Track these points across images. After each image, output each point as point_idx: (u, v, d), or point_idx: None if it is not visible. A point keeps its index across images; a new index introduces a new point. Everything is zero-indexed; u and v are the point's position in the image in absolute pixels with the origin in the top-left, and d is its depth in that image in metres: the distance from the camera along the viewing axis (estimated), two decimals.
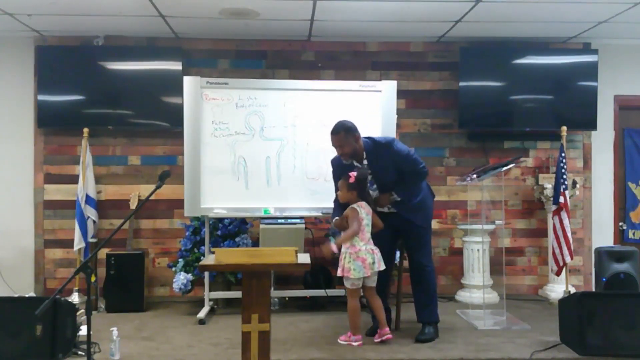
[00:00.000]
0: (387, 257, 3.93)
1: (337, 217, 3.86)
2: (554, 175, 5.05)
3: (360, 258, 3.71)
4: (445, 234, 5.53)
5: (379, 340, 3.80)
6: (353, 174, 3.75)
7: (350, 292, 3.82)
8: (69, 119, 5.23)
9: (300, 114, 4.68)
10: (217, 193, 4.58)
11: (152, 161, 5.39)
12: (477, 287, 4.96)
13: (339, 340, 3.83)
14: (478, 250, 5.01)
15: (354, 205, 3.77)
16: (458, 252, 5.40)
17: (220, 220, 4.87)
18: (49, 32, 5.28)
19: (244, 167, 4.63)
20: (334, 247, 3.74)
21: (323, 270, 4.99)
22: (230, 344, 3.78)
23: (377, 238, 3.86)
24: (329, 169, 4.63)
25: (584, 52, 5.51)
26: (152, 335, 4.07)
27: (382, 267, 3.78)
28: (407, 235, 3.97)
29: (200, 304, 4.73)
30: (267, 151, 4.64)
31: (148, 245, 5.36)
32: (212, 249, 3.58)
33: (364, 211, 3.77)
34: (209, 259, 3.22)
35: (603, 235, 5.57)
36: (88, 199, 5.02)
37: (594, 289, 5.09)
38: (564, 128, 4.95)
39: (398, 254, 4.28)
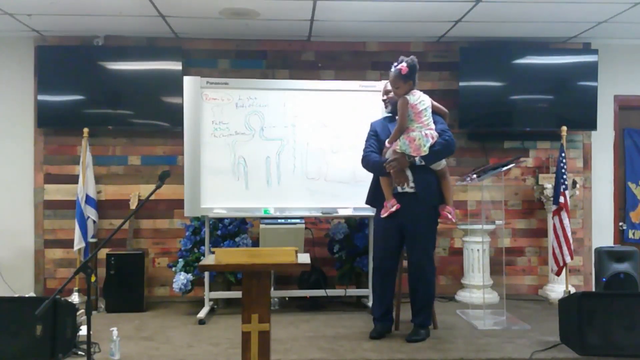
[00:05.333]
0: (395, 256, 3.94)
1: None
2: (554, 175, 5.05)
3: (409, 137, 3.72)
4: (445, 234, 5.53)
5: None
6: (403, 65, 3.70)
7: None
8: (69, 119, 5.23)
9: (300, 114, 4.68)
10: (217, 193, 4.58)
11: (152, 161, 5.39)
12: (477, 287, 4.96)
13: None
14: (478, 250, 5.01)
15: (404, 95, 3.74)
16: (458, 252, 5.40)
17: (220, 220, 4.87)
18: (49, 32, 5.28)
19: (244, 167, 4.63)
20: (388, 145, 3.83)
21: (318, 272, 4.99)
22: (230, 344, 3.78)
23: (385, 238, 3.87)
24: (329, 169, 4.66)
25: (584, 52, 5.51)
26: (152, 335, 4.07)
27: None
28: (412, 228, 3.82)
29: (200, 304, 4.73)
30: (267, 151, 4.64)
31: (148, 245, 5.36)
32: (212, 249, 3.58)
33: (415, 97, 3.74)
34: (209, 259, 3.21)
35: (603, 235, 5.57)
36: (88, 199, 5.02)
37: (594, 289, 5.09)
38: (564, 128, 4.95)
39: None
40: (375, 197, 3.99)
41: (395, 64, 3.76)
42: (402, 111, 3.75)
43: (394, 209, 3.79)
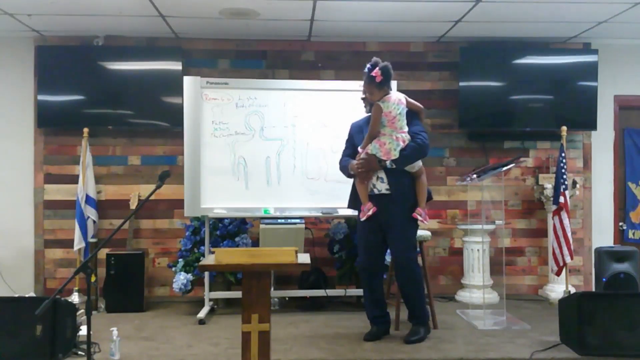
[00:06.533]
0: (378, 257, 3.93)
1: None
2: (554, 175, 5.05)
3: (380, 142, 3.71)
4: (445, 234, 5.53)
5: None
6: (377, 72, 3.62)
7: None
8: (69, 119, 5.23)
9: (300, 114, 4.69)
10: (217, 193, 4.58)
11: (152, 161, 5.39)
12: (477, 287, 4.96)
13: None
14: (478, 250, 5.01)
15: (378, 102, 3.69)
16: (458, 252, 5.40)
17: (220, 220, 4.87)
18: (49, 32, 5.28)
19: (244, 167, 4.63)
20: (361, 151, 3.78)
21: (318, 272, 4.99)
22: (230, 344, 3.78)
23: (367, 239, 3.86)
24: (329, 169, 4.66)
25: (584, 52, 5.51)
26: (152, 335, 4.07)
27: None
28: (391, 229, 3.79)
29: (200, 304, 4.73)
30: (267, 151, 4.65)
31: (148, 245, 5.36)
32: (212, 249, 3.58)
33: (389, 103, 3.70)
34: (209, 259, 3.22)
35: (603, 235, 5.57)
36: (88, 199, 5.02)
37: (594, 289, 5.09)
38: (564, 128, 4.95)
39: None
40: (355, 200, 3.97)
41: (369, 66, 3.67)
42: (374, 118, 3.73)
43: (370, 212, 3.78)
